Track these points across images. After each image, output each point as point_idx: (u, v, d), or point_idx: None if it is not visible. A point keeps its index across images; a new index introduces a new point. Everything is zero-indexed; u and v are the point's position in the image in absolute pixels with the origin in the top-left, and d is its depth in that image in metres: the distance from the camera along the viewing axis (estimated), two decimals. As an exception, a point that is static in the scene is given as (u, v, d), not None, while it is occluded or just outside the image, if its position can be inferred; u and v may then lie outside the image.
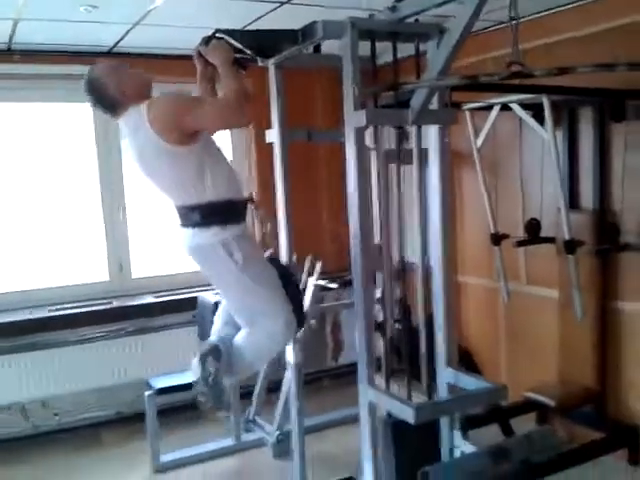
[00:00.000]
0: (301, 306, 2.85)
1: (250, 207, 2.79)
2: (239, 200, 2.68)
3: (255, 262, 2.67)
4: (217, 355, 2.70)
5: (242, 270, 2.59)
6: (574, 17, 3.52)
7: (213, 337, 2.87)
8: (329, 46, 2.51)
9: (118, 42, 4.10)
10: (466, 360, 3.33)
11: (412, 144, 2.51)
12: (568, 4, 3.49)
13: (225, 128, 2.58)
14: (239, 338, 2.78)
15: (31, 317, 4.23)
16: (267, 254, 2.99)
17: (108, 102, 2.60)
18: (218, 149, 2.70)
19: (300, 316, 2.79)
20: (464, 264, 4.57)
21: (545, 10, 3.60)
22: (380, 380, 2.51)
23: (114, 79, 2.57)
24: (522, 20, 3.51)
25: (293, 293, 2.78)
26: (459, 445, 2.26)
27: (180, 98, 2.58)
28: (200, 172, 2.54)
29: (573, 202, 3.69)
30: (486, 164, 4.01)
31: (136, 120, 2.51)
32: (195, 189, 2.56)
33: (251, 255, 2.65)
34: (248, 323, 2.73)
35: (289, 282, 2.80)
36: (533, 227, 3.69)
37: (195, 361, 2.70)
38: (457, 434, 2.30)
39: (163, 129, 2.46)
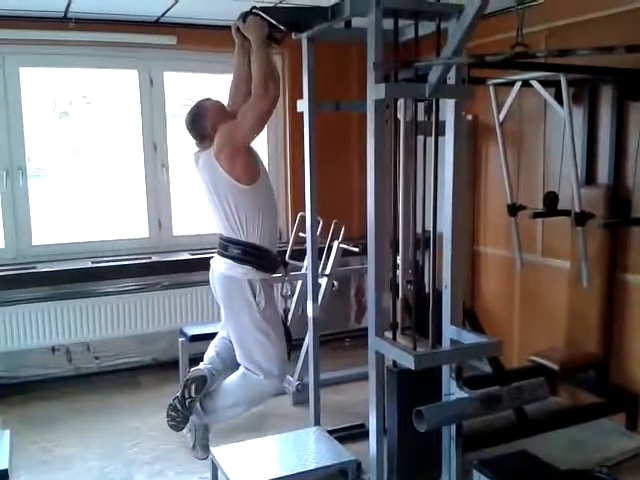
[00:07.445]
0: (291, 340, 3.18)
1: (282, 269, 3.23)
2: (274, 255, 3.01)
3: (271, 307, 2.99)
4: (201, 386, 3.00)
5: (259, 310, 2.91)
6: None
7: (204, 365, 3.13)
8: (360, 20, 2.63)
9: (165, 13, 4.27)
10: (472, 322, 3.49)
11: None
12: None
13: (266, 115, 2.82)
14: (232, 378, 3.04)
15: (76, 267, 4.53)
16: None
17: (202, 132, 2.90)
18: (272, 191, 3.05)
19: (290, 348, 3.14)
20: (485, 235, 4.71)
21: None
22: (389, 334, 2.72)
23: (214, 117, 2.86)
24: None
25: (287, 335, 3.11)
26: (454, 392, 2.47)
27: (225, 125, 2.84)
28: (256, 214, 2.87)
29: (590, 177, 3.81)
30: (511, 138, 4.13)
31: (210, 156, 2.82)
32: (246, 228, 2.88)
33: (270, 300, 2.97)
34: (245, 357, 3.00)
35: (286, 328, 3.17)
36: (551, 200, 3.74)
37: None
38: (453, 383, 2.51)
39: (225, 157, 2.78)
